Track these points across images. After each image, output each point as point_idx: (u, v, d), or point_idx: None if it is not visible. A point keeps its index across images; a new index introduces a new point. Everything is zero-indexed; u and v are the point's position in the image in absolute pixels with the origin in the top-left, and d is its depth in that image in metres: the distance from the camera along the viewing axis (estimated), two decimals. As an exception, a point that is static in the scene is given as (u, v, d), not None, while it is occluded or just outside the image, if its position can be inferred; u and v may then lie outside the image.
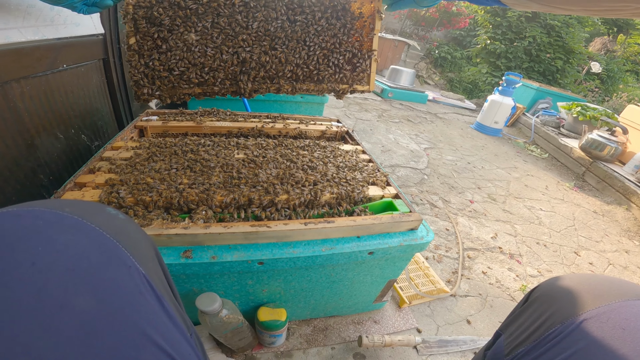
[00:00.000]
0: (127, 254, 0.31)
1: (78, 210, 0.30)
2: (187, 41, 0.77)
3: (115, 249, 0.30)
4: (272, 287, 0.74)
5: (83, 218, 0.30)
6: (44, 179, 0.88)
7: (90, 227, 0.29)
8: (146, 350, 0.27)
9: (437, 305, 1.13)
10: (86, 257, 0.27)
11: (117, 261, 0.29)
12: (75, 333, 0.24)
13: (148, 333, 0.28)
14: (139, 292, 0.29)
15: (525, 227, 1.74)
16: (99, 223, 0.30)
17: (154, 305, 0.31)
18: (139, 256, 0.32)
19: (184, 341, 0.35)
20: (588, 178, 2.52)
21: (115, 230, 0.31)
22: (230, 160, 0.80)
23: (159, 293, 0.32)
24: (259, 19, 0.77)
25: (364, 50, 0.86)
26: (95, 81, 1.08)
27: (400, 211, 0.70)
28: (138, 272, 0.31)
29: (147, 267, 0.34)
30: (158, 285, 0.34)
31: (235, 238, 0.59)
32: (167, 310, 0.33)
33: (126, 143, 0.86)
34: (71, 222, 0.29)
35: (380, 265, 0.77)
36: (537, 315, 0.45)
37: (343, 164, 0.85)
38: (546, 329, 0.42)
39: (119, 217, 0.35)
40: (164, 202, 0.64)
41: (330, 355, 0.89)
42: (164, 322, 0.32)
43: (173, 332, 0.33)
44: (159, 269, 0.38)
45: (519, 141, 3.31)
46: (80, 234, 0.28)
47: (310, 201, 0.68)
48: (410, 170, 2.14)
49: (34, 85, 0.79)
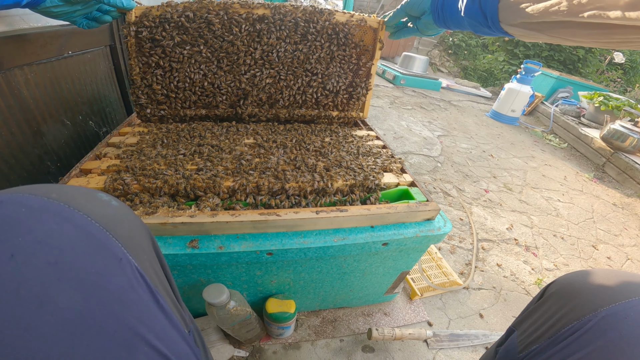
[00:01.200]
0: (119, 245, 0.28)
1: (65, 196, 0.28)
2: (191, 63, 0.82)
3: (105, 239, 0.27)
4: (281, 278, 0.71)
5: (70, 205, 0.27)
6: (51, 166, 0.87)
7: (78, 215, 0.27)
8: (138, 351, 0.26)
9: (449, 297, 1.10)
10: (71, 248, 0.24)
11: (106, 253, 0.27)
12: (57, 333, 0.22)
13: (140, 332, 0.26)
14: (131, 287, 0.27)
15: (542, 218, 1.68)
16: (88, 210, 0.28)
17: (147, 301, 0.29)
18: (133, 247, 0.30)
19: (181, 340, 0.33)
20: (608, 169, 2.42)
21: (106, 219, 0.29)
22: (239, 145, 0.77)
23: (153, 288, 0.30)
24: (262, 44, 0.82)
25: (362, 77, 0.91)
26: (102, 68, 1.06)
27: (417, 200, 0.66)
28: (130, 265, 0.28)
29: (141, 259, 0.31)
30: (153, 278, 0.32)
31: (244, 227, 0.56)
32: (162, 307, 0.31)
33: (133, 129, 0.83)
34: (56, 210, 0.26)
35: (394, 257, 0.73)
36: (553, 311, 0.44)
37: (356, 149, 0.81)
38: (562, 326, 0.40)
39: (111, 204, 0.32)
40: (170, 189, 0.61)
41: (338, 347, 0.88)
42: (159, 319, 0.30)
43: (168, 330, 0.31)
44: (155, 261, 0.35)
45: (537, 130, 3.20)
46: (65, 222, 0.25)
47: (322, 188, 0.65)
48: (424, 158, 2.09)
49: (38, 72, 0.77)
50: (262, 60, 0.85)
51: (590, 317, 0.38)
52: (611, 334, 0.36)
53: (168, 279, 0.39)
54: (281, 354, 0.83)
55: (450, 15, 0.62)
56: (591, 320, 0.38)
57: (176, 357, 0.30)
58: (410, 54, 3.89)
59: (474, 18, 0.56)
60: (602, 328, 0.37)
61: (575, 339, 0.38)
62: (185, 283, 0.65)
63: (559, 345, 0.39)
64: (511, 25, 0.52)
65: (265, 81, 0.87)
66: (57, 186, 0.29)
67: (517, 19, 0.50)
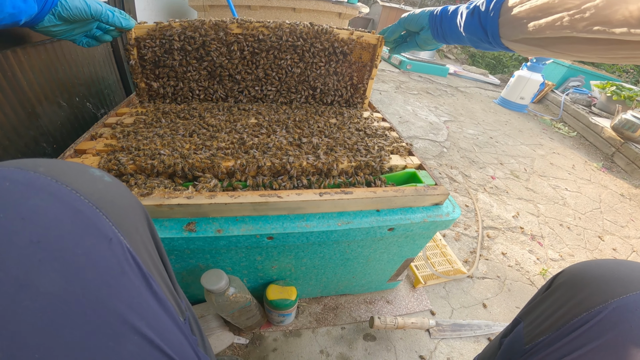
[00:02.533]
0: (109, 224, 0.26)
1: (54, 170, 0.25)
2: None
3: (94, 217, 0.25)
4: (282, 264, 0.69)
5: (58, 180, 0.24)
6: (47, 147, 0.85)
7: (65, 191, 0.24)
8: (127, 340, 0.24)
9: (452, 286, 1.08)
10: (56, 226, 0.22)
11: (95, 232, 0.24)
12: (37, 320, 0.20)
13: (130, 320, 0.24)
14: (121, 271, 0.25)
15: (548, 207, 1.64)
16: (78, 186, 0.25)
17: (139, 286, 0.26)
18: (125, 226, 0.28)
19: (175, 328, 0.30)
20: (617, 159, 2.37)
21: (97, 195, 0.26)
22: (240, 125, 0.74)
23: (146, 271, 0.28)
24: (261, 65, 0.84)
25: (360, 92, 0.93)
26: (100, 50, 1.03)
27: (425, 183, 0.63)
28: (121, 246, 0.26)
29: (134, 240, 0.29)
30: (147, 262, 0.30)
31: (243, 209, 0.53)
32: (155, 292, 0.28)
33: (131, 109, 0.80)
34: (42, 184, 0.23)
35: (399, 243, 0.71)
36: (562, 302, 0.43)
37: (362, 130, 0.78)
38: (572, 317, 0.39)
39: (103, 180, 0.29)
40: (167, 169, 0.58)
41: (340, 335, 0.86)
42: (151, 306, 0.27)
43: (162, 318, 0.29)
44: (150, 243, 0.33)
45: (546, 118, 3.13)
46: (52, 198, 0.23)
47: (326, 169, 0.62)
48: (429, 143, 2.05)
49: (32, 54, 0.75)
50: (264, 79, 0.88)
51: (600, 309, 0.37)
52: (622, 326, 0.35)
53: (164, 262, 0.37)
54: (282, 341, 0.82)
55: (450, 30, 0.62)
56: (601, 312, 0.37)
57: (169, 346, 0.28)
58: (417, 39, 3.78)
59: (474, 34, 0.55)
60: (612, 320, 0.36)
61: (584, 331, 0.37)
62: (183, 268, 0.63)
63: (568, 337, 0.38)
64: (512, 41, 0.51)
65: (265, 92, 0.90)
66: (46, 160, 0.27)
67: (518, 34, 0.49)
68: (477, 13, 0.54)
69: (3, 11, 0.49)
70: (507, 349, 0.49)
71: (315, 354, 0.81)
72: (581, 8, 0.40)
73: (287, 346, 0.81)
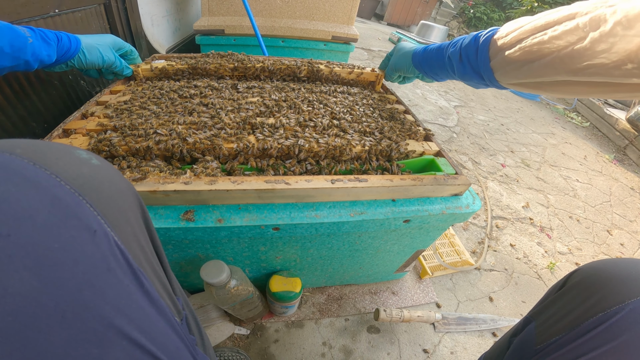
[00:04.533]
0: (94, 214, 0.22)
1: (33, 152, 0.22)
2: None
3: (76, 206, 0.21)
4: (287, 254, 0.65)
5: (36, 162, 0.21)
6: (37, 127, 0.80)
7: (44, 175, 0.21)
8: (114, 346, 0.21)
9: (459, 278, 1.05)
10: (29, 216, 0.19)
11: (75, 223, 0.21)
12: (5, 326, 0.17)
13: (117, 323, 0.21)
14: (106, 268, 0.22)
15: (559, 198, 1.60)
16: (58, 169, 0.22)
17: (127, 285, 0.23)
18: (113, 216, 0.24)
19: (170, 330, 0.27)
20: (630, 152, 2.31)
21: (80, 180, 0.23)
22: (244, 103, 0.67)
23: (136, 268, 0.24)
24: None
25: None
26: (95, 28, 0.97)
27: (444, 172, 0.58)
28: (107, 239, 0.22)
29: (124, 232, 0.25)
30: (138, 256, 0.26)
31: (247, 196, 0.48)
32: (147, 292, 0.25)
33: (126, 86, 0.74)
34: (17, 167, 0.20)
35: (412, 235, 0.66)
36: (576, 302, 0.41)
37: (377, 113, 0.72)
38: (586, 318, 0.38)
39: (90, 163, 0.25)
40: (163, 151, 0.53)
41: (343, 327, 0.83)
42: (142, 307, 0.24)
43: (154, 320, 0.26)
44: (143, 236, 0.29)
45: (559, 107, 3.05)
46: (26, 183, 0.20)
47: (338, 153, 0.56)
48: (439, 127, 2.00)
49: None
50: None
51: (616, 310, 0.36)
52: (639, 328, 0.34)
53: (159, 257, 0.33)
54: (283, 332, 0.79)
55: (440, 75, 0.62)
56: (618, 312, 0.36)
57: (163, 351, 0.25)
58: (428, 23, 3.68)
59: (470, 80, 0.55)
60: (629, 321, 0.35)
61: (600, 332, 0.36)
62: (181, 258, 0.59)
63: (583, 338, 0.37)
64: (509, 84, 0.50)
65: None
66: (27, 141, 0.23)
67: (512, 79, 0.48)
68: (465, 59, 0.53)
69: (19, 58, 0.50)
70: (517, 349, 0.48)
71: (318, 346, 0.78)
72: (573, 49, 0.38)
73: (289, 337, 0.78)
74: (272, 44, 1.46)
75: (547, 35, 0.40)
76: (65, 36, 0.58)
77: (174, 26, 1.51)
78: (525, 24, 0.44)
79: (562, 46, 0.39)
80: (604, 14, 0.34)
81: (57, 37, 0.57)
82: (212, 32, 1.37)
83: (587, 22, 0.36)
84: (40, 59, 0.53)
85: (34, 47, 0.51)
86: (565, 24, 0.38)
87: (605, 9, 0.35)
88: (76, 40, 0.60)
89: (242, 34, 1.39)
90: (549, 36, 0.40)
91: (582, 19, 0.36)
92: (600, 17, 0.35)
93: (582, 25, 0.36)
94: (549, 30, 0.40)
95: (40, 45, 0.53)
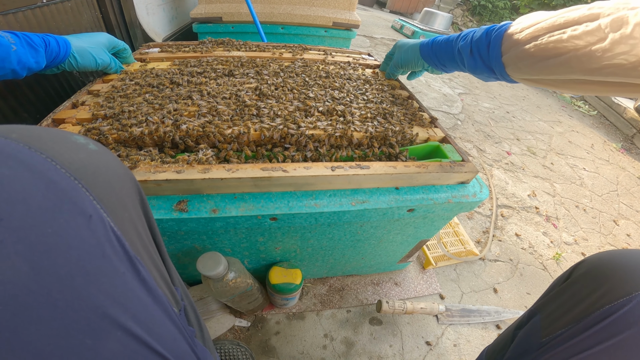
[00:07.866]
0: (90, 198, 0.22)
1: (29, 136, 0.21)
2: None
3: (71, 191, 0.21)
4: (286, 245, 0.63)
5: (32, 146, 0.20)
6: (29, 118, 0.78)
7: (39, 159, 0.20)
8: (108, 337, 0.20)
9: (463, 268, 1.03)
10: (23, 200, 0.18)
11: (70, 207, 0.20)
12: None
13: (111, 313, 0.21)
14: (101, 254, 0.21)
15: (565, 187, 1.57)
16: (54, 153, 0.21)
17: (123, 273, 0.22)
18: (110, 202, 0.24)
19: (168, 321, 0.27)
20: (637, 141, 2.27)
21: (77, 164, 0.22)
22: (241, 88, 0.65)
23: (133, 255, 0.24)
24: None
25: None
26: (87, 18, 0.93)
27: (450, 159, 0.55)
28: (103, 225, 0.22)
29: (121, 218, 0.24)
30: (135, 243, 0.26)
31: (242, 185, 0.46)
32: (143, 280, 0.24)
33: (119, 75, 0.71)
34: (12, 151, 0.19)
35: (416, 224, 0.64)
36: (582, 294, 0.41)
37: (379, 98, 0.69)
38: (593, 310, 0.38)
39: (87, 148, 0.24)
40: (155, 139, 0.51)
41: (345, 318, 0.82)
42: (138, 296, 0.23)
43: (151, 310, 0.25)
44: (141, 222, 0.28)
45: (565, 95, 2.99)
46: (21, 166, 0.19)
47: (340, 137, 0.54)
48: (443, 115, 1.97)
49: (8, 24, 0.66)
50: None
51: (624, 302, 0.36)
52: None
53: (157, 244, 0.31)
54: (285, 324, 0.78)
55: (449, 67, 0.61)
56: (625, 305, 0.35)
57: (160, 342, 0.24)
58: (432, 10, 3.60)
59: (482, 74, 0.54)
60: (636, 314, 0.34)
61: (607, 325, 0.36)
62: (177, 250, 0.57)
63: (589, 331, 0.37)
64: (521, 79, 0.49)
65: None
66: (23, 126, 0.23)
67: (524, 75, 0.47)
68: (476, 53, 0.52)
69: (4, 68, 0.47)
70: (521, 342, 0.47)
71: (319, 338, 0.77)
72: (591, 50, 0.37)
73: (290, 329, 0.77)
74: (271, 30, 1.42)
75: (566, 34, 0.39)
76: (54, 40, 0.55)
77: (171, 15, 1.47)
78: (542, 21, 0.43)
79: (581, 46, 0.38)
80: (626, 16, 0.34)
81: (44, 42, 0.53)
82: (210, 19, 1.34)
83: (608, 24, 0.36)
84: (28, 66, 0.50)
85: (19, 54, 0.48)
86: (587, 24, 0.38)
87: (627, 11, 0.34)
88: (65, 45, 0.57)
89: (241, 21, 1.35)
90: (569, 35, 0.39)
91: (605, 20, 0.36)
92: (623, 18, 0.35)
93: (604, 27, 0.36)
94: (569, 30, 0.39)
95: (27, 52, 0.50)
